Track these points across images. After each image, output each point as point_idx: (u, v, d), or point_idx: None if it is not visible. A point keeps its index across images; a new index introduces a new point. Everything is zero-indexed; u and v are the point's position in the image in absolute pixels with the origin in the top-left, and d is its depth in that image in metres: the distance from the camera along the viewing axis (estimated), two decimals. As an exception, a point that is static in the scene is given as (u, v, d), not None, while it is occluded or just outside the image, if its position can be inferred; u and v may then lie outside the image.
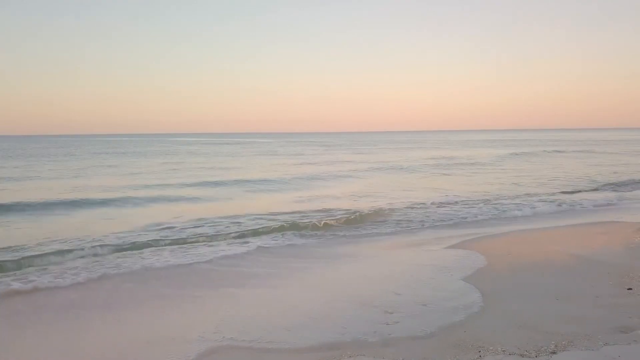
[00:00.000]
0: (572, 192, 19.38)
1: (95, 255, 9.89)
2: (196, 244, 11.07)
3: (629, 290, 6.90)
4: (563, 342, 5.16)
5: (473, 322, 5.93)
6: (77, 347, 5.61)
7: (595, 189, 20.46)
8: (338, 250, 10.61)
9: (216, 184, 23.79)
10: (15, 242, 10.87)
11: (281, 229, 12.54)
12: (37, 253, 9.86)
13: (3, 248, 10.32)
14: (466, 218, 14.16)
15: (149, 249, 10.49)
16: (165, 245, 10.87)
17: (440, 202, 16.86)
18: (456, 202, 16.84)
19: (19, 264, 9.15)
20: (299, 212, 15.09)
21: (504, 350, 5.04)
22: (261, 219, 13.90)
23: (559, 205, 16.02)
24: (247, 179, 25.45)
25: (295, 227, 12.75)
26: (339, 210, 15.26)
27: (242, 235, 11.92)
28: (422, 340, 5.46)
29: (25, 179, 26.64)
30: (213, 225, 12.91)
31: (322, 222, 13.21)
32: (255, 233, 12.15)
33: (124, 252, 10.17)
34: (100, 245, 10.46)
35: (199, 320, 6.35)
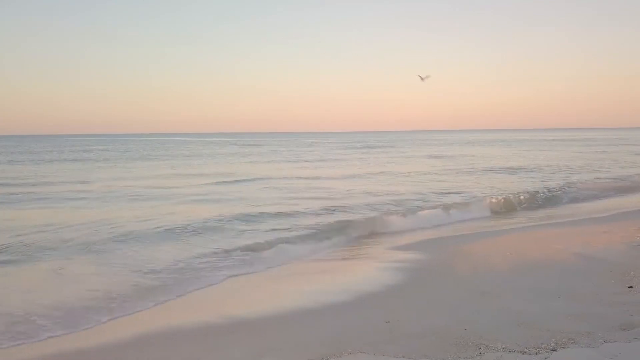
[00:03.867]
0: None
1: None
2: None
3: (630, 288, 6.88)
4: (563, 339, 5.15)
5: (473, 319, 5.93)
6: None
7: None
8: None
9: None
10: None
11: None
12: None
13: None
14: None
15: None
16: None
17: None
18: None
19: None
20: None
21: (504, 348, 5.03)
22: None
23: None
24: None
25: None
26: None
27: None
28: (423, 337, 5.45)
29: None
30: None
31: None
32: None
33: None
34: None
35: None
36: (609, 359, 4.60)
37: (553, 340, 5.16)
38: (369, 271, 8.62)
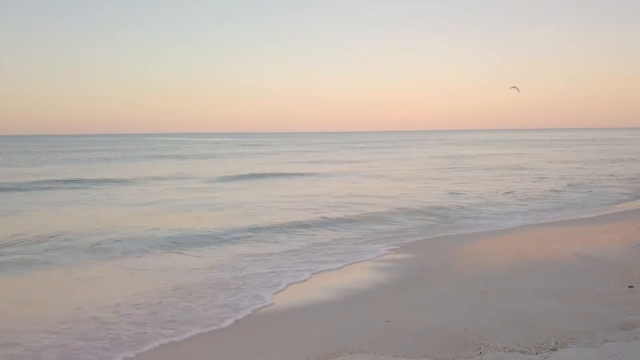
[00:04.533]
0: None
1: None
2: None
3: (630, 288, 6.88)
4: (563, 339, 5.15)
5: (473, 319, 5.93)
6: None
7: None
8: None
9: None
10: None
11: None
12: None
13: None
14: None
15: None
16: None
17: None
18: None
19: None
20: None
21: (504, 347, 5.03)
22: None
23: None
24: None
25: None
26: None
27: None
28: (423, 337, 5.45)
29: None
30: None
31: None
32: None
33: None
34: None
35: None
36: (609, 358, 4.60)
37: (553, 340, 5.16)
38: (369, 271, 8.61)
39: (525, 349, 4.96)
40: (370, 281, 7.95)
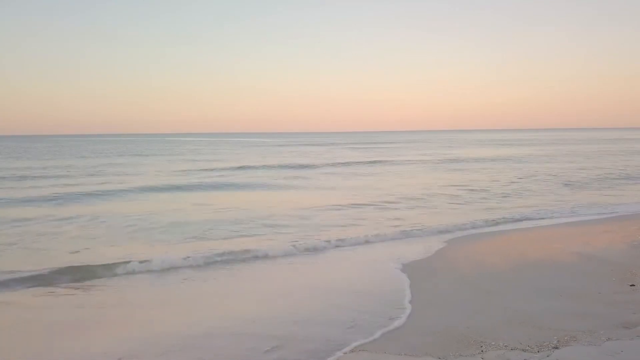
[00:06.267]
0: None
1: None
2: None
3: (632, 287, 6.89)
4: (565, 338, 5.15)
5: (475, 317, 5.93)
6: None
7: None
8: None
9: None
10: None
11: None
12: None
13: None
14: None
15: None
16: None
17: None
18: None
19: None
20: None
21: (506, 346, 5.03)
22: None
23: None
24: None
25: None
26: None
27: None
28: (425, 335, 5.46)
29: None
30: None
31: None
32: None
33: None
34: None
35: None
36: (611, 356, 4.61)
37: (555, 338, 5.16)
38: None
39: (527, 347, 4.97)
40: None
